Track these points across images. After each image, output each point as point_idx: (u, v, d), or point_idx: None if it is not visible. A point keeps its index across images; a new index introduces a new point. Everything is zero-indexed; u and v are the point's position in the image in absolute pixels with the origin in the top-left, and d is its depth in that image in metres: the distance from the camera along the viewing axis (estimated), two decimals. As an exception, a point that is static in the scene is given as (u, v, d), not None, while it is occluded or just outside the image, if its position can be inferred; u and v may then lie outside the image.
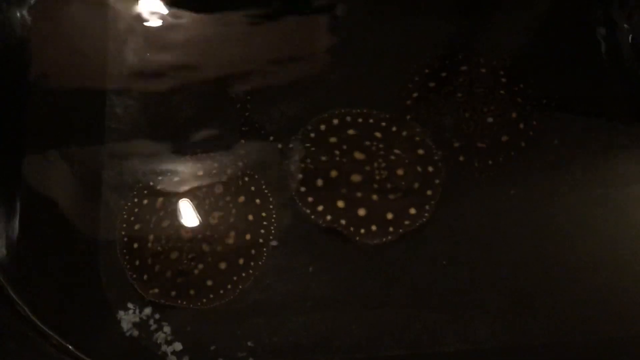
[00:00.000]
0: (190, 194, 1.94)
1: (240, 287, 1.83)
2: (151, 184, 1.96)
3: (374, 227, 1.89)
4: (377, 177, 1.95)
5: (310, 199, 1.94)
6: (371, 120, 2.07)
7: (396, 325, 1.82)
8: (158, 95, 2.13)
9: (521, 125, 2.08)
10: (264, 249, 1.89)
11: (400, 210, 1.91)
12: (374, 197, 1.93)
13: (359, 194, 1.93)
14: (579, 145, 2.08)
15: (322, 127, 2.07)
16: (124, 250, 1.85)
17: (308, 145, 2.04)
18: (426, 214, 1.91)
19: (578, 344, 1.81)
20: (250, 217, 1.91)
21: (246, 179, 1.98)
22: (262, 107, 2.12)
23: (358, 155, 1.99)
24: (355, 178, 1.95)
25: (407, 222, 1.90)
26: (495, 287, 1.87)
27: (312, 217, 1.92)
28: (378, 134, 2.04)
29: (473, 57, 2.22)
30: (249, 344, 1.78)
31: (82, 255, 1.89)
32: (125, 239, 1.87)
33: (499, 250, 1.93)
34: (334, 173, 1.97)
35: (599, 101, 2.20)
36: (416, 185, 1.95)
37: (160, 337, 1.78)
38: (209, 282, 1.81)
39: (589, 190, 2.02)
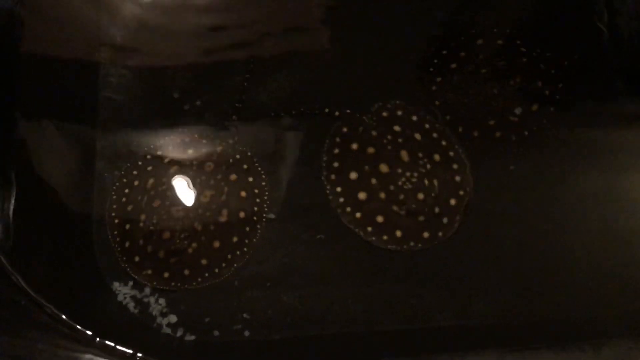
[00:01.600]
0: (180, 173, 1.90)
1: (235, 265, 1.82)
2: (140, 163, 1.93)
3: (385, 237, 1.86)
4: (402, 185, 1.89)
5: (332, 177, 1.93)
6: (435, 135, 1.98)
7: (392, 300, 1.82)
8: (152, 65, 2.09)
9: (547, 92, 2.06)
10: (258, 226, 1.87)
11: (412, 230, 1.86)
12: (394, 207, 1.88)
13: (382, 195, 1.88)
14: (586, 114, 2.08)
15: (399, 112, 2.02)
16: (115, 232, 1.82)
17: (371, 119, 2.01)
18: (435, 242, 1.86)
19: (575, 322, 1.80)
20: (243, 194, 1.89)
21: (237, 156, 1.95)
22: (259, 80, 2.08)
23: (404, 155, 1.94)
24: (384, 168, 1.91)
25: (412, 243, 1.86)
26: (493, 264, 1.86)
27: (327, 189, 1.90)
28: (437, 157, 1.94)
29: (486, 30, 2.17)
30: (245, 315, 1.78)
31: (76, 226, 1.88)
32: (116, 221, 1.84)
33: (494, 226, 1.91)
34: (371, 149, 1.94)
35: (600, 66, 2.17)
36: (437, 210, 1.88)
37: (155, 309, 1.78)
38: (204, 261, 1.79)
39: (596, 165, 2.00)
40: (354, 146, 1.95)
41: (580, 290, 1.83)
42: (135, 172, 1.91)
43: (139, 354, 1.62)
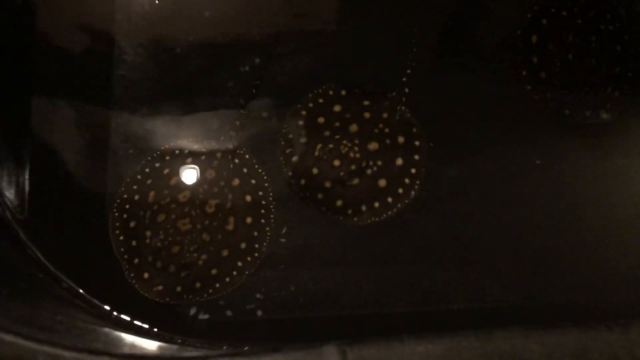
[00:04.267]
0: (181, 184, 1.86)
1: (247, 272, 1.79)
2: (139, 177, 1.88)
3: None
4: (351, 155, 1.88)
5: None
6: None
7: (405, 282, 1.83)
8: (167, 42, 2.05)
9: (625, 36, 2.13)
10: (267, 229, 1.85)
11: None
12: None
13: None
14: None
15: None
16: (122, 249, 1.77)
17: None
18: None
19: (586, 305, 1.81)
20: (248, 199, 1.87)
21: (237, 160, 1.91)
22: (271, 69, 2.05)
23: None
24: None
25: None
26: (505, 246, 1.87)
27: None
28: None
29: (531, 26, 2.11)
30: (258, 296, 1.79)
31: (90, 203, 1.88)
32: (121, 238, 1.79)
33: (510, 209, 1.92)
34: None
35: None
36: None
37: (169, 288, 1.78)
38: (214, 271, 1.76)
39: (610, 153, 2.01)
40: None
41: (593, 275, 1.84)
42: (135, 187, 1.86)
43: (155, 329, 1.63)
